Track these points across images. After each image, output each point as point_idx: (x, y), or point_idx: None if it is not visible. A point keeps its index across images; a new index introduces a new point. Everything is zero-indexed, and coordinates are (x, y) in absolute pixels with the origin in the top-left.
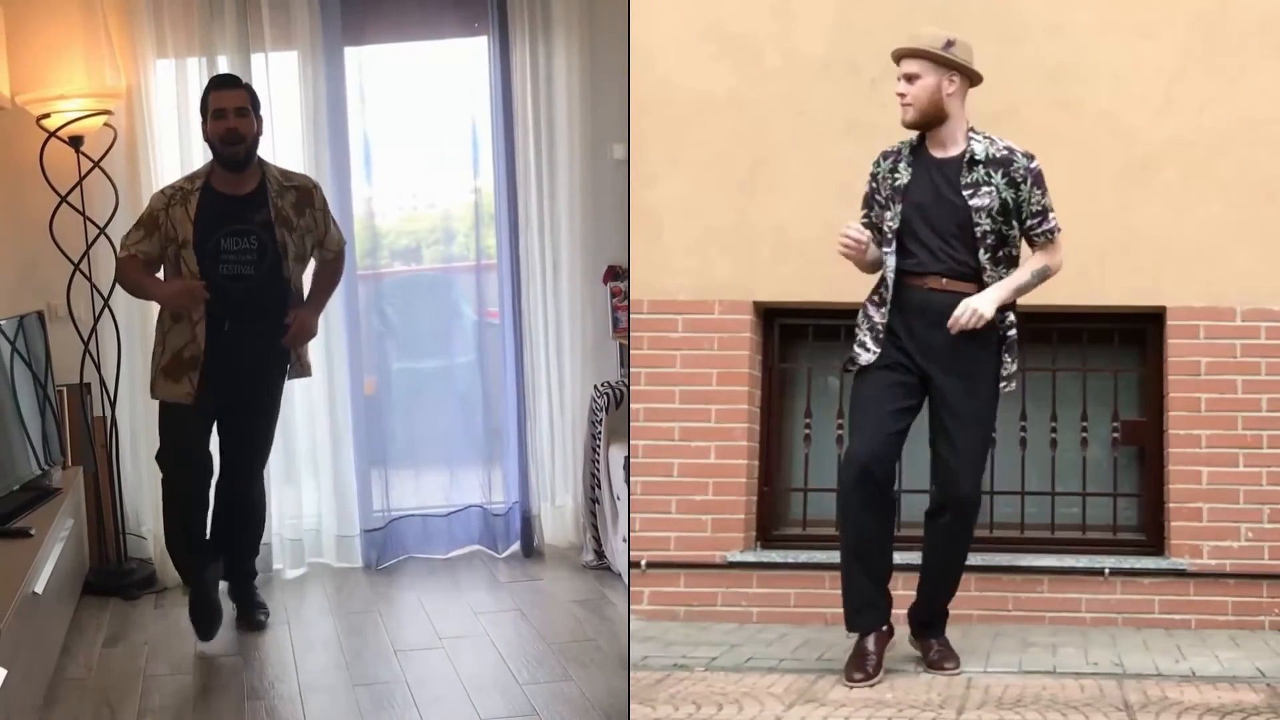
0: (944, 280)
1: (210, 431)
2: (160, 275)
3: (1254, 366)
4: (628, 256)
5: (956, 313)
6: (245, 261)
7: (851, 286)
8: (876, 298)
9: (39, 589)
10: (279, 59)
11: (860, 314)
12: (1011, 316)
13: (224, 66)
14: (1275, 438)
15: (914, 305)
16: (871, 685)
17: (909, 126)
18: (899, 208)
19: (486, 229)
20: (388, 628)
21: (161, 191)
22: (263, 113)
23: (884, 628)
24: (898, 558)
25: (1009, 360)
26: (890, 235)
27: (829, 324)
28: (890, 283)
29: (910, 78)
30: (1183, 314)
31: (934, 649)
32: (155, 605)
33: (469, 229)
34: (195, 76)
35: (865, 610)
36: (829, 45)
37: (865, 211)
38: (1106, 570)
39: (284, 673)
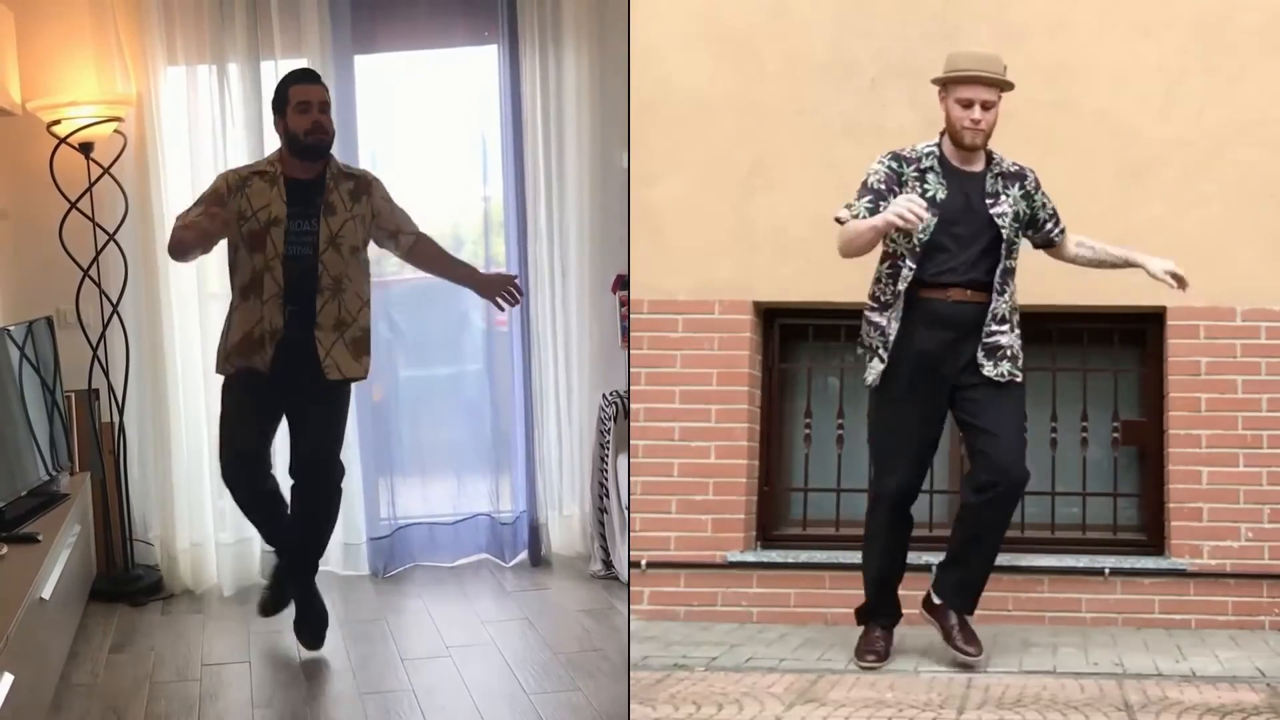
0: (967, 291)
1: (270, 419)
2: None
3: (1254, 366)
4: (628, 257)
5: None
6: (306, 242)
7: (852, 286)
8: (880, 303)
9: (46, 595)
10: (289, 66)
11: (865, 324)
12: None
13: (234, 74)
14: (1275, 438)
15: (937, 316)
16: (880, 669)
17: (974, 150)
18: (933, 221)
19: (495, 237)
20: (395, 636)
21: (232, 170)
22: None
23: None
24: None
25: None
26: (917, 246)
27: (829, 324)
28: (903, 292)
29: (987, 105)
30: (1183, 314)
31: (956, 628)
32: (162, 612)
33: (478, 237)
34: (205, 84)
35: (882, 612)
36: (829, 45)
37: (871, 201)
38: (1106, 570)
39: (291, 680)
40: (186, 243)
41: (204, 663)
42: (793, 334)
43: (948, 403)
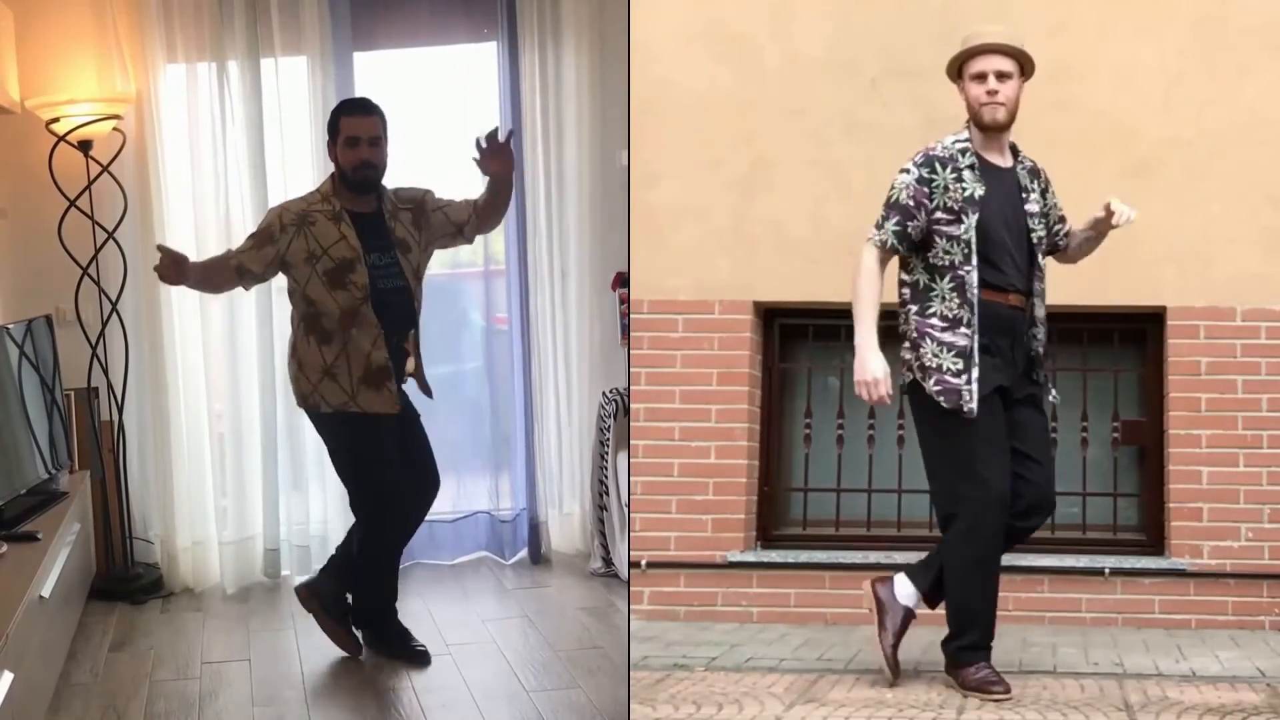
0: (1019, 296)
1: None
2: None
3: (1254, 366)
4: (628, 256)
5: (1124, 216)
6: (393, 274)
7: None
8: (950, 320)
9: (46, 593)
10: (288, 64)
11: (930, 342)
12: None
13: (234, 72)
14: (1275, 438)
15: (1001, 322)
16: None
17: (996, 128)
18: (974, 219)
19: (495, 235)
20: None
21: (284, 208)
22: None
23: None
24: (899, 558)
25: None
26: (967, 248)
27: (829, 324)
28: (975, 300)
29: (1002, 75)
30: (1183, 314)
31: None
32: (161, 610)
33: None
34: (205, 82)
35: (987, 642)
36: (829, 45)
37: (901, 222)
38: (1106, 570)
39: (290, 678)
40: (209, 284)
41: (204, 661)
42: (793, 334)
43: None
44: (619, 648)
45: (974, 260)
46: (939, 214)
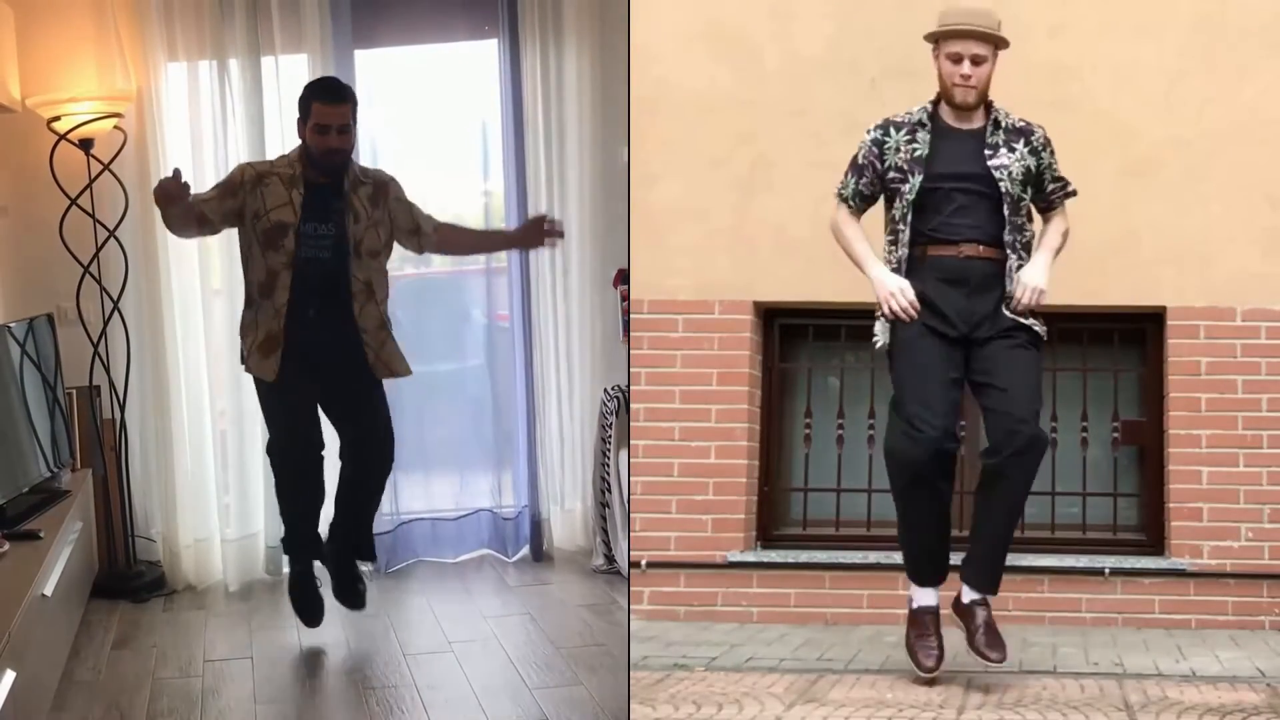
0: (980, 247)
1: (314, 414)
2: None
3: (1254, 366)
4: (628, 257)
5: (1018, 295)
6: (323, 246)
7: (852, 286)
8: (893, 267)
9: (48, 591)
10: (289, 62)
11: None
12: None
13: (234, 70)
14: (1275, 438)
15: (949, 273)
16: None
17: (967, 108)
18: (919, 179)
19: None
20: (397, 631)
21: (251, 165)
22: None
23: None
24: (898, 558)
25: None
26: (908, 208)
27: (829, 324)
28: (905, 254)
29: (977, 60)
30: (1183, 314)
31: (980, 630)
32: (164, 608)
33: None
34: (206, 79)
35: (932, 562)
36: (829, 45)
37: (855, 179)
38: (1106, 570)
39: (293, 676)
40: (178, 222)
41: (206, 659)
42: (793, 334)
43: (964, 360)
44: (621, 645)
45: (910, 217)
46: (891, 173)
